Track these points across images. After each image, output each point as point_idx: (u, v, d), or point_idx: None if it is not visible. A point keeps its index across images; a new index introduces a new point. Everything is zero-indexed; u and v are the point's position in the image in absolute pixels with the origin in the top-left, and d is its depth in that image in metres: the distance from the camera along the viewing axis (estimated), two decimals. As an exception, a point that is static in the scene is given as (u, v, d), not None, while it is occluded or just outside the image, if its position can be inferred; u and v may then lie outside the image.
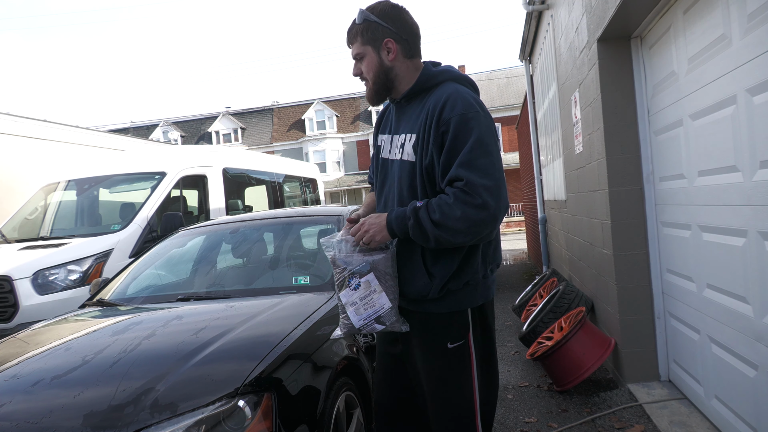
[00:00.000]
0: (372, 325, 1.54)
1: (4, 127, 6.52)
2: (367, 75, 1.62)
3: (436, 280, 1.53)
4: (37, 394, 1.64)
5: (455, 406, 1.59)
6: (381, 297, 1.52)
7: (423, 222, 1.43)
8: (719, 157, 2.29)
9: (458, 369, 1.59)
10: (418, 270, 1.55)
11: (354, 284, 1.52)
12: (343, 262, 1.54)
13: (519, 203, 26.50)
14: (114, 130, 30.69)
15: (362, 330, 1.56)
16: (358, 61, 1.63)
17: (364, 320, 1.53)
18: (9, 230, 5.29)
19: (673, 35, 2.66)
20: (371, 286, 1.52)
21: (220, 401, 1.56)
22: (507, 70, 30.89)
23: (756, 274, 2.06)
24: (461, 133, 1.44)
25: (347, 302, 1.54)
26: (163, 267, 3.18)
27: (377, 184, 1.75)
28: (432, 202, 1.46)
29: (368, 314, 1.53)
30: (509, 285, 7.74)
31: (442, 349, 1.57)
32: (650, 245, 3.16)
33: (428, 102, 1.54)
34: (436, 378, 1.60)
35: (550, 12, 5.21)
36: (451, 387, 1.59)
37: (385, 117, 1.79)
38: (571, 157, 4.56)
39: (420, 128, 1.53)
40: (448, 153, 1.46)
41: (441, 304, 1.57)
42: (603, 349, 3.26)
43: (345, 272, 1.54)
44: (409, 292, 1.57)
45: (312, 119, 32.40)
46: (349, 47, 1.65)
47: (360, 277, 1.52)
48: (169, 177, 5.41)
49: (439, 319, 1.58)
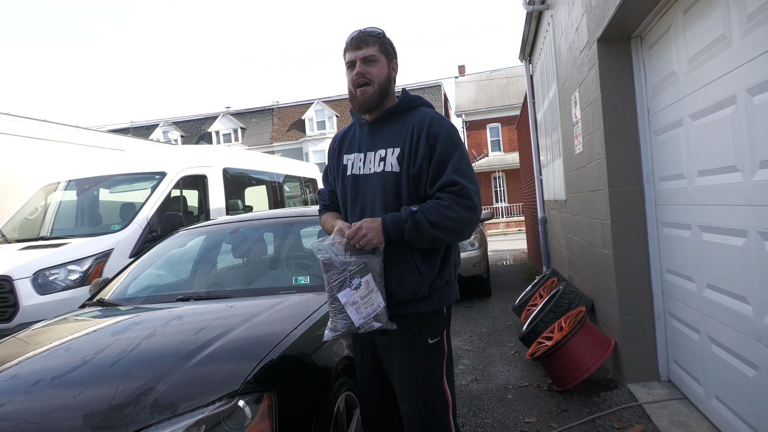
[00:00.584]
0: (371, 323, 1.60)
1: (4, 127, 6.52)
2: (376, 78, 1.71)
3: (426, 278, 1.66)
4: (37, 394, 1.64)
5: (432, 401, 1.68)
6: (378, 296, 1.59)
7: (420, 224, 1.56)
8: (719, 157, 2.29)
9: (435, 364, 1.70)
10: (409, 269, 1.66)
11: (355, 284, 1.58)
12: (342, 264, 1.59)
13: (519, 203, 26.54)
14: (114, 130, 30.69)
15: (361, 329, 1.60)
16: (367, 63, 1.71)
17: (364, 319, 1.58)
18: (9, 230, 5.29)
19: (673, 35, 2.66)
20: (370, 286, 1.59)
21: (220, 401, 1.56)
22: (507, 70, 30.88)
23: (756, 274, 2.06)
24: (448, 146, 1.65)
25: (347, 302, 1.58)
26: (163, 267, 3.18)
27: (347, 200, 1.83)
28: (427, 206, 1.60)
29: (368, 312, 1.58)
30: (509, 285, 7.74)
31: (423, 345, 1.69)
32: (650, 245, 3.16)
33: (410, 121, 1.72)
34: (414, 375, 1.68)
35: (550, 12, 5.21)
36: (429, 383, 1.68)
37: (347, 140, 1.87)
38: (571, 157, 4.56)
39: (405, 142, 1.69)
40: (438, 163, 1.64)
41: (428, 303, 1.70)
42: (603, 349, 3.26)
43: (345, 273, 1.58)
44: (401, 291, 1.66)
45: (312, 119, 32.39)
46: (359, 49, 1.70)
47: (360, 277, 1.58)
48: (169, 177, 5.41)
49: (421, 317, 1.70)
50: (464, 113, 28.87)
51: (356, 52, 1.71)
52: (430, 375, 1.69)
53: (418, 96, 1.81)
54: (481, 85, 30.45)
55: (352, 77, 1.72)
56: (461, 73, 32.29)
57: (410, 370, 1.68)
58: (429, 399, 1.68)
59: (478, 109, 28.73)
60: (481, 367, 4.02)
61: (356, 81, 1.71)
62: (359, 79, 1.71)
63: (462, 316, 5.87)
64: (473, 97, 29.73)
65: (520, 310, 5.09)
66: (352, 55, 1.72)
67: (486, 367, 4.01)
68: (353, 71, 1.72)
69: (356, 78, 1.71)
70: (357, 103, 1.74)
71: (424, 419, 1.67)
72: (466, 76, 31.64)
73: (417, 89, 30.76)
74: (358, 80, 1.71)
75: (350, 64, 1.73)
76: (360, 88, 1.71)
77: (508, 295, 6.94)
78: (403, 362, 1.69)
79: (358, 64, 1.70)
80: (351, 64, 1.73)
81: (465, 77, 31.56)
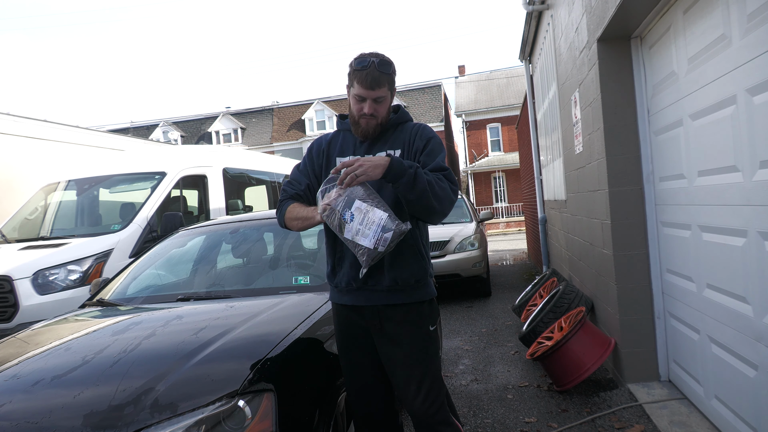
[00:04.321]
0: (382, 237, 1.63)
1: (4, 127, 6.52)
2: (381, 115, 1.82)
3: (427, 263, 1.86)
4: (37, 393, 1.64)
5: (438, 381, 1.83)
6: (375, 212, 1.64)
7: (419, 177, 1.65)
8: (719, 157, 2.29)
9: (434, 351, 1.86)
10: (414, 255, 1.81)
11: (348, 217, 1.65)
12: (330, 210, 1.66)
13: (519, 203, 26.53)
14: (114, 130, 30.69)
15: (378, 247, 1.63)
16: (377, 103, 1.79)
17: (374, 238, 1.63)
18: (9, 230, 5.28)
19: (673, 35, 2.66)
20: (362, 209, 1.64)
21: (220, 401, 1.56)
22: (507, 70, 30.86)
23: (756, 274, 2.06)
24: (436, 147, 1.86)
25: (353, 235, 1.64)
26: (163, 267, 3.18)
27: None
28: (427, 171, 1.74)
29: (374, 231, 1.63)
30: (509, 285, 7.74)
31: (426, 331, 1.84)
32: (650, 245, 3.16)
33: (405, 130, 1.89)
34: (419, 360, 1.80)
35: (550, 12, 5.21)
36: (434, 365, 1.84)
37: (338, 144, 1.93)
38: (571, 157, 4.56)
39: (404, 144, 1.87)
40: (429, 154, 1.84)
41: (427, 291, 1.87)
42: (603, 349, 3.26)
43: (336, 213, 1.65)
44: (405, 276, 1.79)
45: (312, 119, 32.38)
46: (372, 90, 1.76)
47: (349, 208, 1.65)
48: (169, 177, 5.40)
49: (422, 305, 1.85)
50: (464, 113, 28.86)
51: (369, 92, 1.75)
52: (431, 360, 1.83)
53: (407, 112, 1.99)
54: (481, 85, 30.44)
55: (359, 110, 1.79)
56: (461, 73, 32.28)
57: (416, 355, 1.80)
58: (435, 379, 1.82)
59: (478, 109, 28.72)
60: (481, 367, 4.02)
61: (363, 116, 1.79)
62: (367, 116, 1.78)
63: (462, 316, 5.87)
64: (473, 97, 29.72)
65: (520, 310, 5.09)
66: (363, 92, 1.76)
67: (486, 367, 4.01)
68: (361, 105, 1.78)
69: (365, 114, 1.78)
70: (361, 131, 1.83)
71: (433, 399, 1.79)
72: (466, 76, 31.63)
73: (417, 89, 30.75)
74: (366, 116, 1.78)
75: (360, 98, 1.77)
76: (364, 119, 1.79)
77: (508, 295, 6.93)
78: (409, 347, 1.80)
79: (369, 103, 1.77)
80: (361, 98, 1.77)
81: (465, 77, 31.55)
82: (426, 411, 1.78)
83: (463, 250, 6.60)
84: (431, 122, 29.04)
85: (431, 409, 1.78)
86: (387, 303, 1.80)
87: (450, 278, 6.53)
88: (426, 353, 1.81)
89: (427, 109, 30.12)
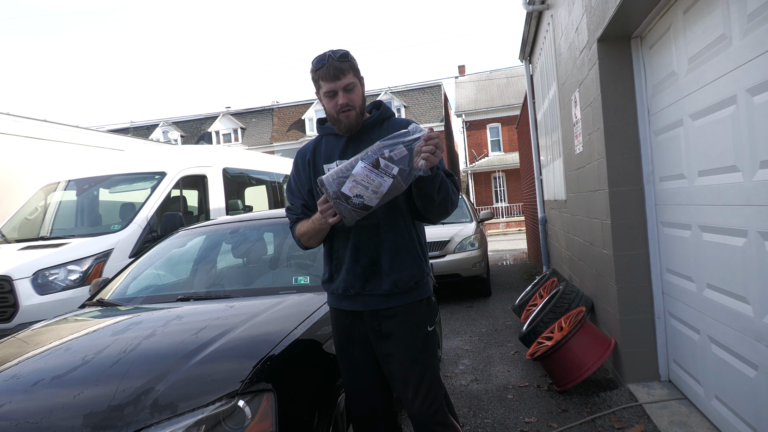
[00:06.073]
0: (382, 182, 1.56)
1: (4, 127, 6.52)
2: (357, 103, 1.79)
3: (425, 264, 1.87)
4: (36, 394, 1.64)
5: (437, 380, 1.83)
6: (383, 179, 1.57)
7: (443, 178, 1.71)
8: (719, 157, 2.29)
9: (433, 350, 1.87)
10: (413, 257, 1.81)
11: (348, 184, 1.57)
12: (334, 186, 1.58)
13: (519, 203, 26.54)
14: (114, 130, 30.69)
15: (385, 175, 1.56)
16: (348, 92, 1.76)
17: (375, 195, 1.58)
18: (9, 230, 5.28)
19: (673, 35, 2.66)
20: (369, 177, 1.56)
21: (220, 401, 1.56)
22: (507, 70, 30.86)
23: (756, 274, 2.06)
24: None
25: (354, 183, 1.56)
26: (163, 267, 3.18)
27: None
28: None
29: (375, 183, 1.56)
30: (509, 285, 7.74)
31: (425, 332, 1.84)
32: (650, 245, 3.16)
33: (392, 127, 1.84)
34: (417, 360, 1.79)
35: (550, 12, 5.21)
36: (433, 366, 1.84)
37: (321, 152, 1.89)
38: (571, 157, 4.56)
39: None
40: None
41: (425, 289, 1.86)
42: (603, 349, 3.26)
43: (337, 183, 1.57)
44: (405, 278, 1.79)
45: (312, 119, 32.33)
46: (338, 80, 1.74)
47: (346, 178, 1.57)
48: (169, 177, 5.40)
49: (421, 304, 1.85)
50: (464, 113, 28.86)
51: (336, 83, 1.74)
52: (430, 361, 1.83)
53: (389, 107, 1.96)
54: (481, 85, 30.44)
55: (334, 105, 1.76)
56: (461, 73, 32.28)
57: (414, 355, 1.79)
58: (434, 380, 1.82)
59: (478, 109, 28.72)
60: (481, 367, 4.02)
61: (341, 109, 1.76)
62: (344, 108, 1.76)
63: (462, 316, 5.87)
64: (473, 97, 29.72)
65: (520, 310, 5.09)
66: (331, 86, 1.74)
67: (486, 367, 4.01)
68: (334, 100, 1.76)
69: (341, 108, 1.76)
70: (344, 127, 1.80)
71: (432, 400, 1.79)
72: (466, 76, 31.63)
73: (417, 89, 30.75)
74: (343, 108, 1.76)
75: (330, 93, 1.76)
76: (344, 113, 1.77)
77: (508, 295, 6.94)
78: (408, 347, 1.79)
79: (341, 94, 1.75)
80: (332, 94, 1.76)
81: (465, 77, 31.54)
82: (425, 412, 1.78)
83: (463, 250, 6.60)
84: (431, 122, 29.05)
85: (430, 410, 1.78)
86: (386, 307, 1.81)
87: (450, 278, 6.53)
88: (424, 353, 1.81)
89: (427, 109, 30.11)
